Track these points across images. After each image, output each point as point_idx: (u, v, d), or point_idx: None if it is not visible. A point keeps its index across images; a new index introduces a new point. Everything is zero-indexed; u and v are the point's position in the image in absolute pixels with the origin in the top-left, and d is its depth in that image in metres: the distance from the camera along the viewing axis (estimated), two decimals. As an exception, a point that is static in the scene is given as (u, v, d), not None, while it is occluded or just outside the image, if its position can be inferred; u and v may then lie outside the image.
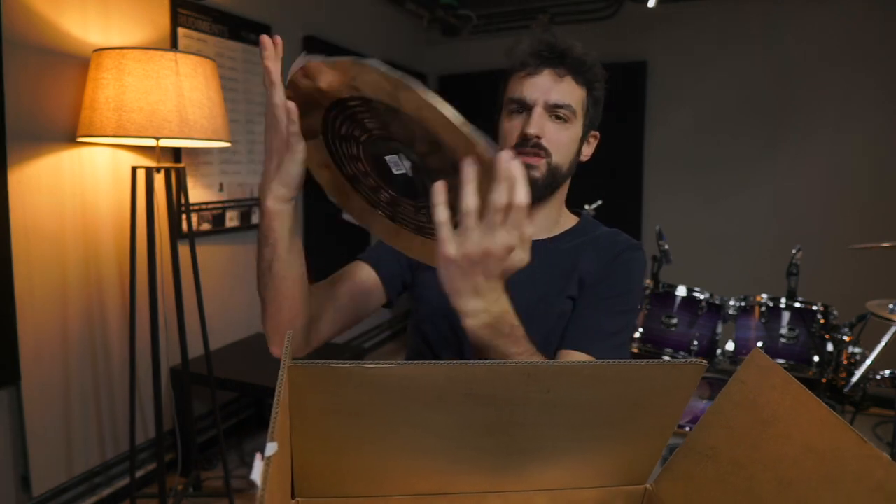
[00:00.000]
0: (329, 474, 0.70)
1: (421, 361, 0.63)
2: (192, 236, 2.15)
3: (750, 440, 0.59)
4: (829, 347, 2.17)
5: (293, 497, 0.70)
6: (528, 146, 0.91)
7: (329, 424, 0.66)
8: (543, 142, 0.91)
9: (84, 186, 2.04)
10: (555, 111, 0.91)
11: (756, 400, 0.60)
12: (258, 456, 0.45)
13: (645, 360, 0.64)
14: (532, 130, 0.90)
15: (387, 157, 0.67)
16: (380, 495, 0.70)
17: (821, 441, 0.51)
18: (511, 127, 0.94)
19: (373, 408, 0.65)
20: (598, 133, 1.01)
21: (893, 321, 2.03)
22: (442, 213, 0.60)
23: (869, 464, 0.47)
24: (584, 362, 0.65)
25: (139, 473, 2.25)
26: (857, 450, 0.48)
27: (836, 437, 0.50)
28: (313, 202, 3.23)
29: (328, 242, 3.39)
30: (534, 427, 0.66)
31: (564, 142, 0.93)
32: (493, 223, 0.59)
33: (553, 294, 0.94)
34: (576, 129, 0.94)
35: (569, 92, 0.92)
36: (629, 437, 0.68)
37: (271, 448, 0.45)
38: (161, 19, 2.29)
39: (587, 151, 1.01)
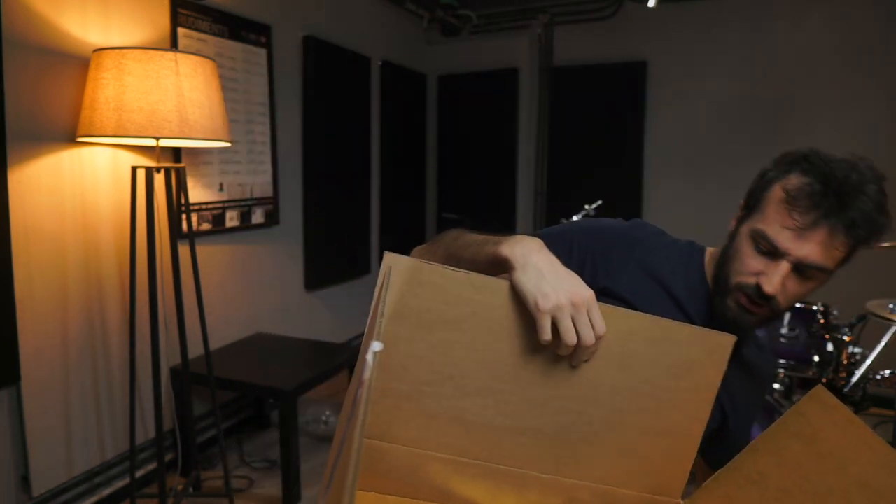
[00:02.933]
0: (381, 413, 0.69)
1: None
2: (192, 236, 2.15)
3: (802, 471, 0.58)
4: (829, 347, 2.16)
5: None
6: (757, 297, 0.82)
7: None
8: (780, 297, 0.82)
9: (84, 186, 2.04)
10: (803, 269, 0.80)
11: (816, 434, 0.59)
12: (374, 344, 0.48)
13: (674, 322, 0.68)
14: (770, 290, 0.80)
15: None
16: (423, 449, 0.70)
17: (878, 479, 0.50)
18: (749, 264, 0.84)
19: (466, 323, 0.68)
20: None
21: (893, 321, 2.03)
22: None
23: None
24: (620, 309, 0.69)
25: (139, 473, 2.25)
26: None
27: (893, 478, 0.49)
28: (313, 190, 3.23)
29: (329, 245, 3.39)
30: (584, 387, 0.70)
31: (800, 295, 0.84)
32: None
33: None
34: (819, 281, 0.83)
35: (832, 256, 0.79)
36: (664, 407, 0.68)
37: (377, 346, 0.49)
38: (161, 19, 2.29)
39: None
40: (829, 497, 0.54)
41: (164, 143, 2.01)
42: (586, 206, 2.99)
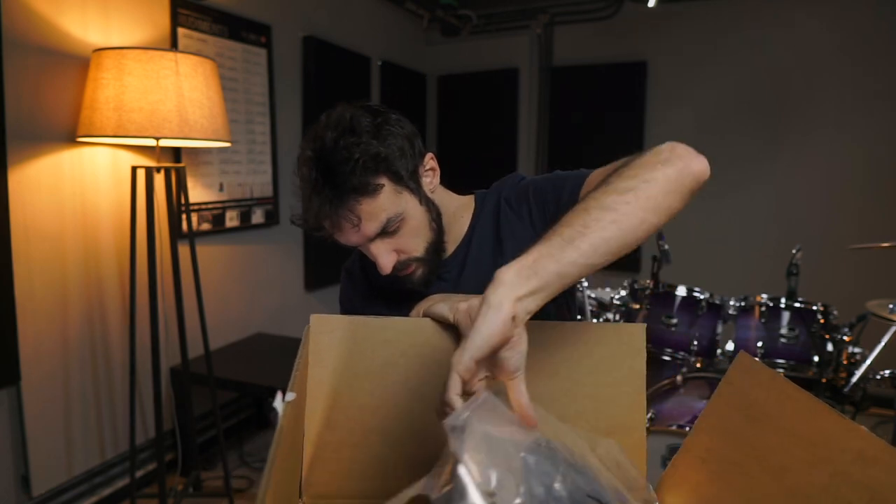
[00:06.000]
0: (336, 470, 0.70)
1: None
2: (192, 236, 2.15)
3: (741, 437, 0.61)
4: (829, 347, 2.16)
5: (300, 497, 0.70)
6: (395, 272, 0.88)
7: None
8: (402, 257, 0.87)
9: (84, 186, 2.04)
10: (384, 232, 0.84)
11: (745, 399, 0.62)
12: (279, 395, 0.49)
13: (590, 322, 0.70)
14: (387, 271, 0.85)
15: None
16: (383, 499, 0.71)
17: (805, 426, 0.53)
18: (366, 252, 0.88)
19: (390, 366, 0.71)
20: (430, 154, 0.93)
21: (893, 321, 2.03)
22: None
23: (849, 437, 0.49)
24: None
25: (139, 473, 2.25)
26: (837, 427, 0.51)
27: (819, 420, 0.52)
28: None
29: (329, 245, 3.39)
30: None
31: (414, 234, 0.87)
32: None
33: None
34: (411, 212, 0.86)
35: (377, 212, 0.82)
36: (602, 405, 0.71)
37: (290, 396, 0.52)
38: (161, 19, 2.29)
39: (433, 180, 0.93)
40: (771, 456, 0.56)
41: (164, 143, 2.01)
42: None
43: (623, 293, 2.49)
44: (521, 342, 0.55)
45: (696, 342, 2.28)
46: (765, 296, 2.30)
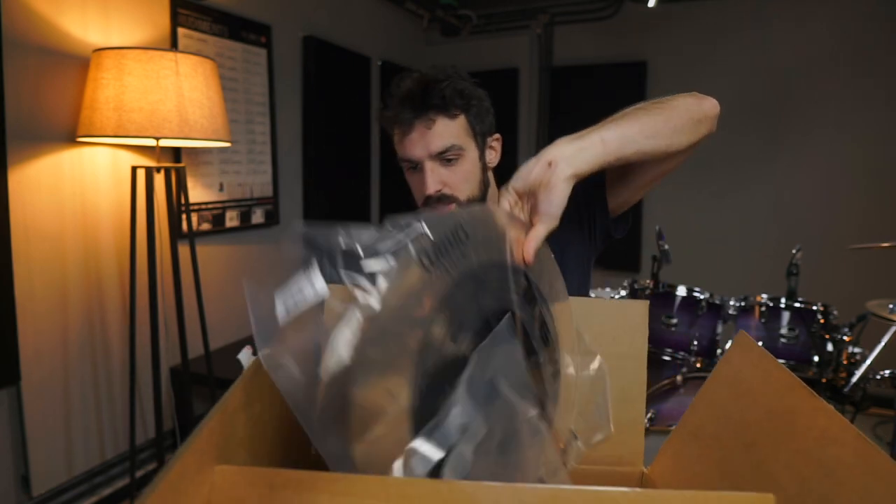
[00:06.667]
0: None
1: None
2: (192, 236, 2.15)
3: (727, 414, 0.62)
4: (829, 347, 2.16)
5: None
6: (434, 202, 0.96)
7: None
8: (446, 191, 0.96)
9: (84, 186, 2.04)
10: (443, 157, 0.95)
11: (737, 377, 0.63)
12: (248, 348, 0.49)
13: (593, 298, 0.73)
14: (431, 190, 0.94)
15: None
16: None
17: (780, 404, 0.55)
18: (414, 183, 0.99)
19: None
20: (499, 135, 1.06)
21: (893, 321, 2.03)
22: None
23: (815, 416, 0.50)
24: None
25: (139, 473, 2.25)
26: (807, 405, 0.51)
27: (793, 398, 0.53)
28: (313, 190, 3.24)
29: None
30: None
31: (464, 178, 0.97)
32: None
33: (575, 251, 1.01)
34: (470, 158, 0.97)
35: (446, 132, 0.94)
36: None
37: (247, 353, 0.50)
38: (161, 19, 2.29)
39: (493, 157, 1.05)
40: (747, 432, 0.58)
41: (164, 143, 2.01)
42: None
43: (623, 293, 2.49)
44: (557, 191, 0.61)
45: (696, 342, 2.28)
46: (765, 296, 2.30)
